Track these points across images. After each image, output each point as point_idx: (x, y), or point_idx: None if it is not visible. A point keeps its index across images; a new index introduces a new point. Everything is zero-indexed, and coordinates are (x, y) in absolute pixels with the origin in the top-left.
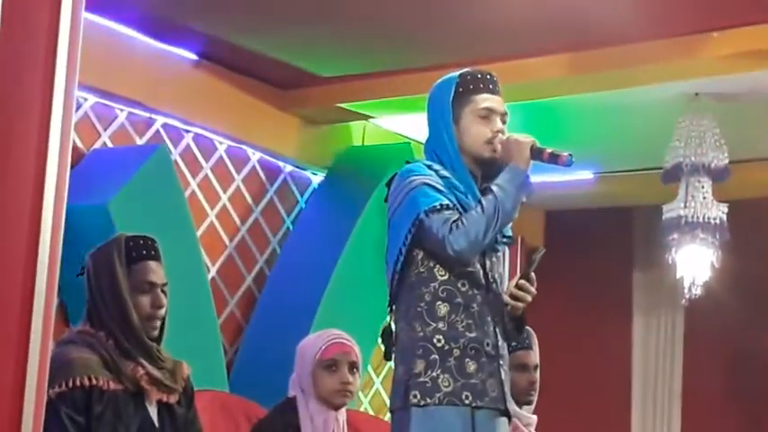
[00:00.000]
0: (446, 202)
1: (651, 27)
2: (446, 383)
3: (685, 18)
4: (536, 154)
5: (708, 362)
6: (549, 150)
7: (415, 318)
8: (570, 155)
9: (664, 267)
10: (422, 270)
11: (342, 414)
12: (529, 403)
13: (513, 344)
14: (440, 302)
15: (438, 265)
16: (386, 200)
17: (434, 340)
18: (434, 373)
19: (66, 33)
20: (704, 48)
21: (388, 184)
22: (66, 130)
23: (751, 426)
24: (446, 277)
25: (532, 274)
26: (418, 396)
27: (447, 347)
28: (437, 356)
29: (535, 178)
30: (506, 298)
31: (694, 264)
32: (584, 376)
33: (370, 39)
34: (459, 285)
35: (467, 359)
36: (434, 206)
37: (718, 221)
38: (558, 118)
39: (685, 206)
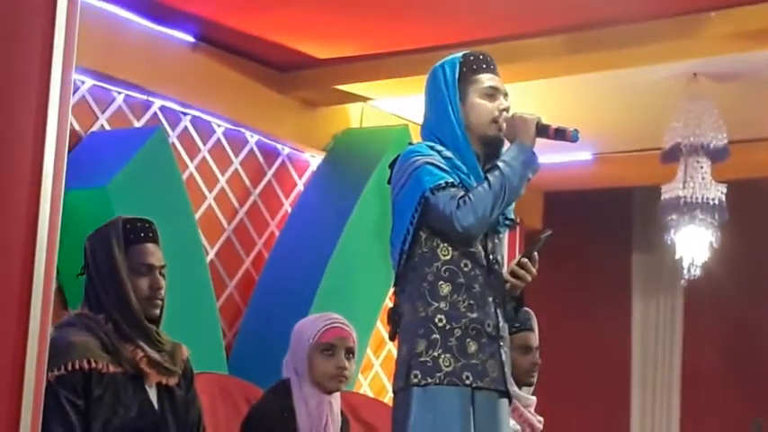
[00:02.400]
0: (450, 179)
1: (649, 7)
2: (447, 363)
3: None
4: (541, 130)
5: (707, 342)
6: (554, 126)
7: (417, 298)
8: (576, 130)
9: (663, 248)
10: (425, 250)
11: (335, 398)
12: (529, 384)
13: (517, 325)
14: (442, 282)
15: (441, 245)
16: (389, 181)
17: (436, 320)
18: (435, 353)
19: (63, 16)
20: (703, 27)
21: (391, 166)
22: (64, 113)
23: (751, 407)
24: (449, 257)
25: (535, 254)
26: (419, 376)
27: (448, 327)
28: (438, 336)
29: None
30: (506, 275)
31: (693, 244)
32: (584, 357)
33: (368, 20)
34: (462, 265)
35: (468, 339)
36: (439, 184)
37: (716, 202)
38: (557, 98)
39: (684, 187)
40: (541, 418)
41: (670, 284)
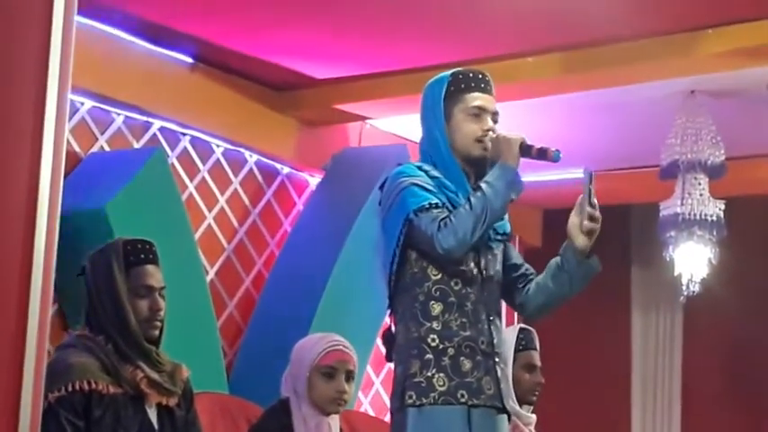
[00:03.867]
0: (435, 201)
1: (646, 24)
2: (441, 383)
3: (680, 15)
4: (525, 151)
5: (707, 358)
6: (537, 147)
7: (410, 318)
8: (557, 150)
9: (661, 265)
10: (416, 270)
11: (335, 418)
12: (530, 403)
13: (523, 344)
14: (433, 302)
15: (431, 265)
16: (380, 203)
17: (429, 340)
18: (429, 373)
19: (59, 37)
20: (700, 45)
21: (381, 188)
22: (60, 134)
23: (751, 422)
24: (439, 277)
25: (595, 200)
26: (414, 396)
27: (441, 347)
28: (432, 356)
29: (532, 177)
30: (580, 240)
31: (692, 261)
32: (584, 374)
33: (366, 40)
34: (453, 284)
35: (461, 358)
36: (423, 205)
37: (714, 218)
38: (554, 117)
39: (682, 203)
40: None
41: (669, 301)
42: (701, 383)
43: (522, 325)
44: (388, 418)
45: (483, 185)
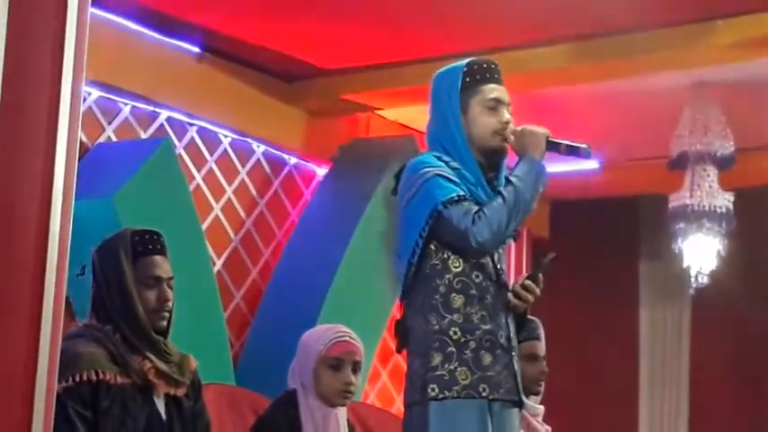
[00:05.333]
0: (463, 193)
1: (655, 15)
2: (463, 376)
3: (690, 6)
4: (552, 146)
5: (715, 350)
6: (565, 143)
7: (430, 310)
8: (588, 146)
9: (670, 256)
10: (436, 262)
11: (341, 411)
12: (537, 393)
13: (524, 334)
14: (455, 294)
15: (452, 257)
16: (393, 192)
17: (450, 332)
18: (452, 366)
19: (74, 28)
20: (709, 36)
21: (397, 176)
22: (74, 125)
23: (760, 415)
24: (460, 269)
25: (540, 276)
26: (436, 390)
27: (463, 340)
28: (454, 349)
29: None
30: (509, 296)
31: (701, 253)
32: (592, 367)
33: (374, 30)
34: (474, 277)
35: (482, 351)
36: (452, 197)
37: (724, 210)
38: (563, 108)
39: (691, 195)
40: (549, 428)
41: (677, 293)
42: (710, 375)
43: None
44: (395, 411)
45: (513, 179)
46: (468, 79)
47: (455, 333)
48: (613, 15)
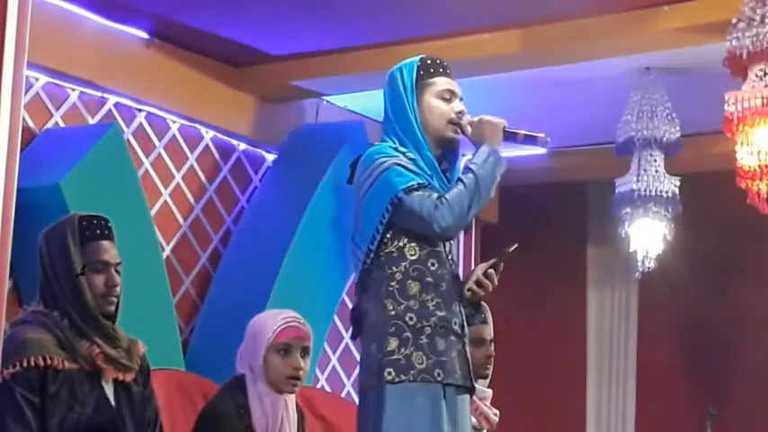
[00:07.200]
0: (422, 181)
1: (602, 1)
2: (419, 361)
3: None
4: (509, 136)
5: (662, 334)
6: (523, 132)
7: (386, 296)
8: (546, 136)
9: (617, 241)
10: (392, 250)
11: (290, 396)
12: (484, 377)
13: (472, 318)
14: (411, 281)
15: (408, 245)
16: (349, 181)
17: (406, 318)
18: (408, 351)
19: (15, 13)
20: (655, 21)
21: (352, 166)
22: (16, 111)
23: (705, 396)
24: (416, 257)
25: (501, 265)
26: (393, 374)
27: (419, 326)
28: (410, 334)
29: None
30: (471, 284)
31: (647, 237)
32: (539, 350)
33: (323, 15)
34: (429, 265)
35: (437, 337)
36: (411, 185)
37: (670, 195)
38: (510, 93)
39: (638, 180)
40: (497, 411)
41: (625, 277)
42: (656, 358)
43: None
44: (344, 395)
45: (473, 167)
46: (422, 72)
47: (411, 319)
48: (560, 1)
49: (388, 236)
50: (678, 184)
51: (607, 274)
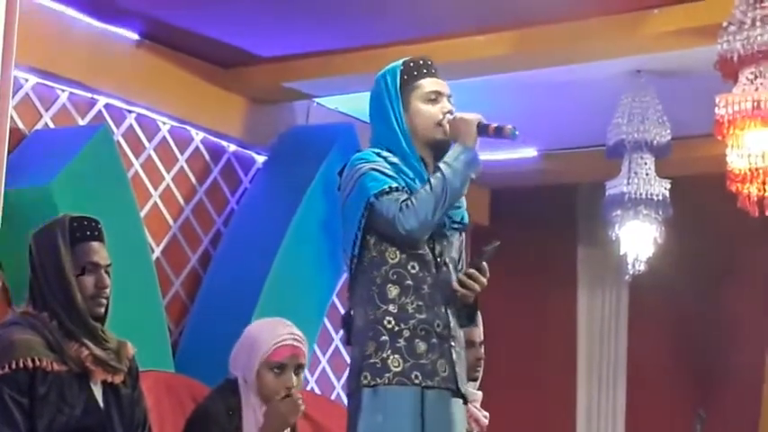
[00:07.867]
0: (395, 184)
1: (593, 4)
2: (396, 364)
3: None
4: (482, 130)
5: (652, 335)
6: (493, 125)
7: (367, 301)
8: (514, 127)
9: (607, 243)
10: (374, 254)
11: None
12: (474, 379)
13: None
14: (390, 285)
15: (389, 249)
16: (339, 188)
17: (385, 322)
18: (384, 354)
19: (2, 12)
20: (646, 25)
21: (341, 173)
22: (4, 110)
23: (694, 399)
24: (396, 261)
25: (484, 264)
26: (368, 377)
27: (397, 329)
28: (387, 338)
29: (480, 156)
30: (455, 285)
31: (637, 240)
32: (530, 353)
33: (313, 17)
34: (410, 268)
35: (417, 340)
36: (383, 189)
37: (660, 197)
38: (501, 96)
39: (628, 183)
40: (487, 414)
41: (615, 279)
42: (646, 360)
43: None
44: (334, 397)
45: (442, 166)
46: (405, 77)
47: (389, 322)
48: (552, 4)
49: (371, 241)
50: (668, 186)
51: (597, 276)
